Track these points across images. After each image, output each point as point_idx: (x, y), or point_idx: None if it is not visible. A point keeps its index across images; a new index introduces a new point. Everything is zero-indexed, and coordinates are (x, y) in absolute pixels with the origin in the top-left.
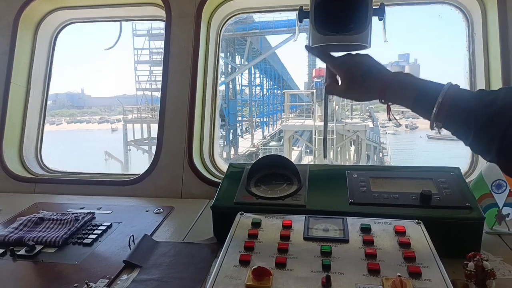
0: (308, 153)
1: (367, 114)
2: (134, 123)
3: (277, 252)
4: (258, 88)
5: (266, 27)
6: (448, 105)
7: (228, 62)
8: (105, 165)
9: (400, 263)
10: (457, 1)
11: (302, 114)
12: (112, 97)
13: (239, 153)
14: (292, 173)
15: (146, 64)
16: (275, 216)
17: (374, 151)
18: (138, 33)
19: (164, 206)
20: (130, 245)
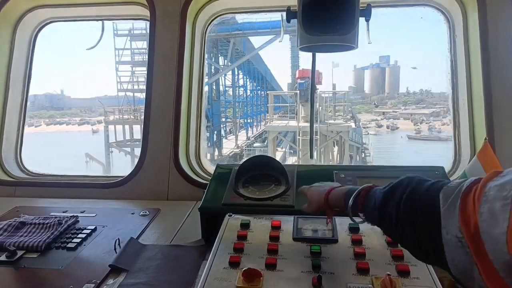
0: (292, 154)
1: (349, 115)
2: (115, 125)
3: (267, 253)
4: (241, 89)
5: (249, 28)
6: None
7: (211, 63)
8: (86, 167)
9: (389, 261)
10: (439, 3)
11: (286, 115)
12: (93, 98)
13: (223, 154)
14: (280, 174)
15: (127, 65)
16: (264, 217)
17: (357, 151)
18: (119, 33)
19: (150, 209)
20: (116, 249)
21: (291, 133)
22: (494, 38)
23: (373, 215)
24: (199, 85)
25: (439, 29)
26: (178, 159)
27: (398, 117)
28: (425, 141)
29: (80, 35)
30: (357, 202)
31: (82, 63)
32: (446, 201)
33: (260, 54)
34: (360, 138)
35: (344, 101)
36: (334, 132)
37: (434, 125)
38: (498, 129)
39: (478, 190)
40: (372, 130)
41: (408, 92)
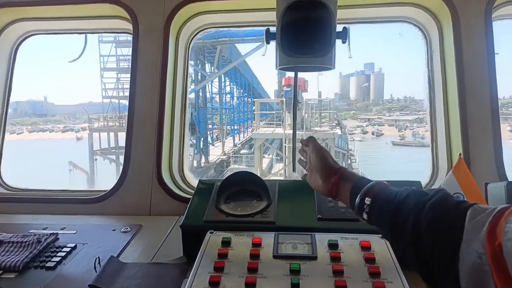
0: (278, 161)
1: (335, 122)
2: (100, 132)
3: (247, 272)
4: (228, 96)
5: (236, 36)
6: (371, 201)
7: (198, 70)
8: (70, 176)
9: (366, 279)
10: (416, 20)
11: (272, 122)
12: (77, 105)
13: (210, 161)
14: (262, 189)
15: (113, 72)
16: (245, 233)
17: (343, 157)
18: (104, 40)
19: (132, 224)
20: (96, 268)
21: (278, 140)
22: (468, 54)
23: (383, 212)
24: (183, 98)
25: (418, 45)
26: (161, 174)
27: (383, 123)
28: (409, 147)
29: (65, 41)
30: (363, 200)
31: (67, 70)
32: (474, 218)
33: (247, 61)
34: (346, 145)
35: (329, 108)
36: (320, 139)
37: (418, 131)
38: (473, 145)
39: (507, 213)
40: (358, 137)
41: (392, 98)
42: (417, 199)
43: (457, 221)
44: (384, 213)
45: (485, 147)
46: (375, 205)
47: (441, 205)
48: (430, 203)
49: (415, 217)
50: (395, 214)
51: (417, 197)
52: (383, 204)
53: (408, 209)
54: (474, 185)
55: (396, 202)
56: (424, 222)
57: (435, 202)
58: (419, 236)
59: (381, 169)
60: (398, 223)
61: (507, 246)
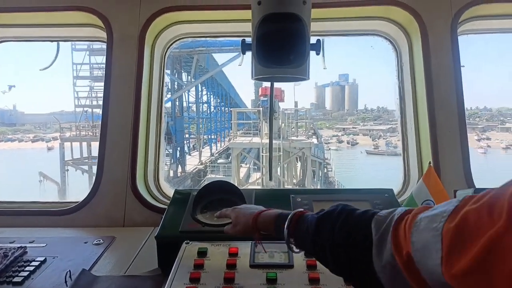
0: (256, 170)
1: (311, 131)
2: (72, 142)
3: (223, 282)
4: (205, 106)
5: (213, 46)
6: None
7: (174, 79)
8: (40, 187)
9: (341, 285)
10: (387, 33)
11: (250, 131)
12: (48, 113)
13: (186, 171)
14: (238, 198)
15: (86, 80)
16: (221, 243)
17: (319, 166)
18: (77, 48)
19: (104, 237)
20: (67, 282)
21: (255, 150)
22: (436, 66)
23: (305, 240)
24: (158, 107)
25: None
26: (136, 183)
27: (357, 133)
28: (383, 155)
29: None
30: (289, 227)
31: (37, 77)
32: (379, 230)
33: (224, 70)
34: (322, 154)
35: (306, 117)
36: (297, 149)
37: (391, 140)
38: (442, 154)
39: (409, 220)
40: (334, 146)
41: (366, 109)
42: (326, 226)
43: (365, 238)
44: (306, 247)
45: (453, 156)
46: (297, 243)
47: (348, 221)
48: (337, 227)
49: (331, 245)
50: (314, 248)
51: (325, 223)
52: (302, 240)
53: (321, 239)
54: (444, 192)
55: (310, 237)
56: (338, 246)
57: (341, 224)
58: (338, 258)
59: (356, 177)
60: (318, 252)
61: (416, 256)
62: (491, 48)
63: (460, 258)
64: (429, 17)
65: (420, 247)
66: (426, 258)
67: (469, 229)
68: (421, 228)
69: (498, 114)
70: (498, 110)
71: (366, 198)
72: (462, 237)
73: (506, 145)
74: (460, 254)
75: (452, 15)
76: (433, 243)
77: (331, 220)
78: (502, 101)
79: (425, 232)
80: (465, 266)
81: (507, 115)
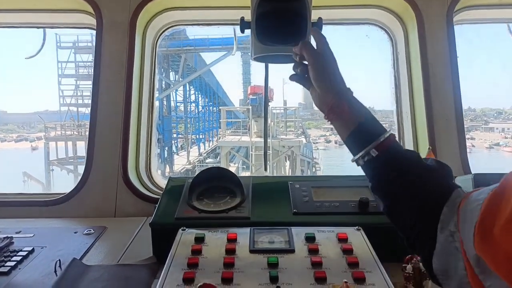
0: (245, 169)
1: (300, 130)
2: (57, 141)
3: (223, 267)
4: (193, 105)
5: (201, 45)
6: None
7: (162, 78)
8: (24, 187)
9: (345, 269)
10: (382, 22)
11: (238, 130)
12: (32, 113)
13: (174, 171)
14: (235, 186)
15: (71, 78)
16: (219, 230)
17: (308, 166)
18: (62, 45)
19: (95, 227)
20: (57, 271)
21: (244, 149)
22: (432, 54)
23: (388, 163)
24: (150, 96)
25: (384, 46)
26: (127, 173)
27: None
28: None
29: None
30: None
31: (20, 76)
32: (453, 201)
33: (212, 70)
34: (310, 153)
35: (294, 117)
36: (286, 147)
37: None
38: (439, 141)
39: (466, 195)
40: (322, 145)
41: None
42: (418, 164)
43: (442, 198)
44: (387, 175)
45: (450, 143)
46: (380, 162)
47: (432, 177)
48: (426, 172)
49: (412, 183)
50: (399, 180)
51: (417, 163)
52: (387, 168)
53: (411, 169)
54: None
55: (401, 171)
56: (416, 190)
57: (430, 172)
58: (408, 202)
59: None
60: (398, 186)
61: (461, 226)
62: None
63: (494, 221)
64: (425, 5)
65: (464, 216)
66: (465, 225)
67: (506, 193)
68: (471, 200)
69: (482, 114)
70: (481, 110)
71: (366, 184)
72: (498, 201)
73: (489, 144)
74: (494, 217)
75: (448, 3)
76: (474, 211)
77: (420, 167)
78: (485, 101)
79: (473, 203)
80: (499, 226)
81: (490, 115)
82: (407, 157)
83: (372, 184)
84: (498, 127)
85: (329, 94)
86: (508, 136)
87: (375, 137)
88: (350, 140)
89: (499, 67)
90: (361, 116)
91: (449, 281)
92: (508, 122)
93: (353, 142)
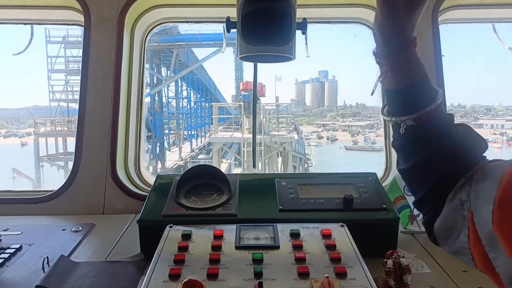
0: (237, 165)
1: (292, 126)
2: (47, 137)
3: (209, 263)
4: (185, 101)
5: (193, 40)
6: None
7: (153, 73)
8: (13, 183)
9: (327, 264)
10: (369, 21)
11: (231, 126)
12: (21, 108)
13: (166, 167)
14: (222, 183)
15: (61, 73)
16: (206, 227)
17: (300, 162)
18: (52, 40)
19: (83, 224)
20: (44, 268)
21: (236, 145)
22: (417, 53)
23: (411, 137)
24: (139, 93)
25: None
26: (116, 171)
27: (337, 129)
28: (361, 151)
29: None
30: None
31: (9, 71)
32: (472, 174)
33: (204, 66)
34: (302, 149)
35: (286, 113)
36: (278, 143)
37: (369, 136)
38: None
39: (479, 168)
40: (314, 141)
41: (345, 105)
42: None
43: (462, 174)
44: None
45: None
46: (415, 129)
47: (468, 140)
48: (462, 134)
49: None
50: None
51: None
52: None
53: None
54: None
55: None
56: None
57: (466, 137)
58: (429, 156)
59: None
60: (427, 153)
61: (472, 197)
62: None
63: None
64: None
65: (477, 189)
66: (481, 198)
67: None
68: (488, 172)
69: (471, 111)
70: (471, 107)
71: (351, 182)
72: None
73: None
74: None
75: (433, 3)
76: (492, 185)
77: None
78: (475, 98)
79: (489, 176)
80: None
81: (480, 112)
82: (443, 127)
83: (399, 142)
84: (487, 123)
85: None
86: (497, 133)
87: (426, 103)
88: (397, 93)
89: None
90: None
91: (448, 242)
92: (497, 118)
93: (399, 99)
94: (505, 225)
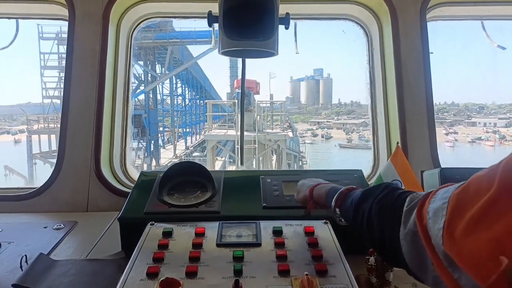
0: (231, 163)
1: (287, 124)
2: (40, 134)
3: (188, 261)
4: (180, 98)
5: (187, 37)
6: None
7: (148, 70)
8: (5, 181)
9: (308, 262)
10: (358, 18)
11: (225, 124)
12: (14, 105)
13: (161, 164)
14: (207, 180)
15: (54, 70)
16: (188, 224)
17: (294, 159)
18: (45, 36)
19: (65, 221)
20: (22, 267)
21: (231, 143)
22: (405, 51)
23: (348, 212)
24: (125, 89)
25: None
26: (100, 168)
27: (331, 126)
28: (355, 149)
29: None
30: (337, 199)
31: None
32: (410, 203)
33: (199, 63)
34: (297, 147)
35: (281, 110)
36: (272, 141)
37: (364, 134)
38: (411, 137)
39: (432, 194)
40: (308, 139)
41: (340, 103)
42: (368, 199)
43: (397, 209)
44: (348, 217)
45: (421, 138)
46: (342, 213)
47: (386, 197)
48: (377, 199)
49: (368, 214)
50: (354, 218)
51: (368, 196)
52: (346, 212)
53: (362, 209)
54: (411, 172)
55: (352, 208)
56: (374, 215)
57: (381, 197)
58: (372, 226)
59: (325, 168)
60: (357, 220)
61: (429, 223)
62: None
63: (461, 220)
64: (399, 1)
65: (432, 215)
66: (434, 223)
67: (470, 193)
68: (437, 199)
69: (465, 109)
70: (465, 105)
71: (336, 179)
72: (464, 201)
73: (472, 139)
74: (461, 216)
75: (421, 0)
76: (441, 210)
77: (375, 193)
78: (469, 96)
79: (438, 201)
80: (463, 227)
81: (473, 110)
82: (357, 199)
83: (349, 220)
84: (480, 121)
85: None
86: (490, 131)
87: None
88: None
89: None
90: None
91: (424, 276)
92: (490, 116)
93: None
94: (451, 243)
